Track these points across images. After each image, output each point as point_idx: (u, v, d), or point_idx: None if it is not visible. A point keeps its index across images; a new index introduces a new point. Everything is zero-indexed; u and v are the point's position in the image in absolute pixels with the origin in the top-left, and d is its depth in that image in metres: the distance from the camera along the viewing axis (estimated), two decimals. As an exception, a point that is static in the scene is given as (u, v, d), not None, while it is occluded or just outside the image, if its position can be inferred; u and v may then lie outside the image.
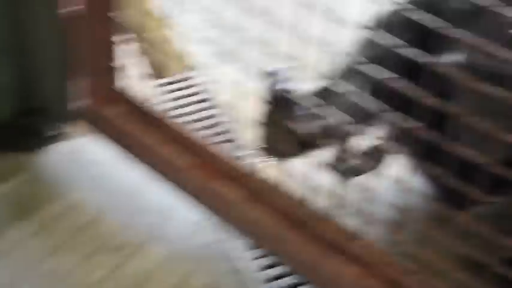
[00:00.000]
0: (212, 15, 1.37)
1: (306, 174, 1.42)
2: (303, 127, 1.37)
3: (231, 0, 1.31)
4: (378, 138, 1.28)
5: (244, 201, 1.56)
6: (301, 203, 1.49)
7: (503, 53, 1.02)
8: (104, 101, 1.70)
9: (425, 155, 1.41)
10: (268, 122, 1.43)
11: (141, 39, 1.56)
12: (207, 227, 1.77)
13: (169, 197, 1.75)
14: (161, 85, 2.04)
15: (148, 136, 1.66)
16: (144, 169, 1.74)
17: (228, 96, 1.43)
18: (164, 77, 1.57)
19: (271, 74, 1.41)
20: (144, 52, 1.74)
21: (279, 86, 1.40)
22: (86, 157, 1.90)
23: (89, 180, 1.86)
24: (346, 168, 1.40)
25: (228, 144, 1.85)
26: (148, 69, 1.81)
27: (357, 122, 1.30)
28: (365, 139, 1.32)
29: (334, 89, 1.26)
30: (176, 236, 1.77)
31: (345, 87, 1.25)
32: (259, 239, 1.58)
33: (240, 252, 1.75)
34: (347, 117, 1.27)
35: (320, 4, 1.18)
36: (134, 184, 1.85)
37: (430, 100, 1.13)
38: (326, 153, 1.42)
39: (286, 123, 1.37)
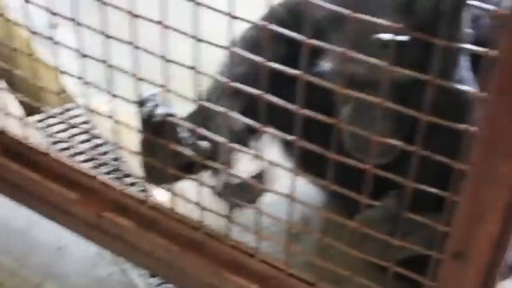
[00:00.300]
0: (81, 46, 1.33)
1: (198, 196, 1.39)
2: (187, 150, 1.35)
3: (97, 29, 1.27)
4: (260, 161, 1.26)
5: (137, 230, 1.52)
6: (195, 225, 1.47)
7: (367, 60, 1.02)
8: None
9: (310, 164, 1.42)
10: (148, 147, 1.40)
11: (13, 76, 1.50)
12: (106, 259, 1.74)
13: (63, 233, 1.70)
14: (40, 121, 1.99)
15: (33, 175, 1.60)
16: (34, 208, 1.69)
17: (109, 125, 1.40)
18: (42, 112, 1.52)
19: (148, 100, 1.39)
20: (18, 89, 1.69)
21: (157, 111, 1.37)
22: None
23: (-22, 225, 1.80)
24: (230, 193, 1.38)
25: (116, 173, 1.81)
26: (23, 106, 1.76)
27: (237, 142, 1.29)
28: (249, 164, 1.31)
29: (209, 110, 1.25)
30: (74, 272, 1.73)
31: (218, 108, 1.23)
32: (156, 266, 1.55)
33: (142, 280, 1.72)
34: (227, 138, 1.25)
35: (186, 25, 1.16)
36: (25, 224, 1.79)
37: (303, 111, 1.12)
38: (211, 176, 1.40)
39: (169, 147, 1.34)
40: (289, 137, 1.17)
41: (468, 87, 1.09)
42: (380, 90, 1.05)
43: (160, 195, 1.66)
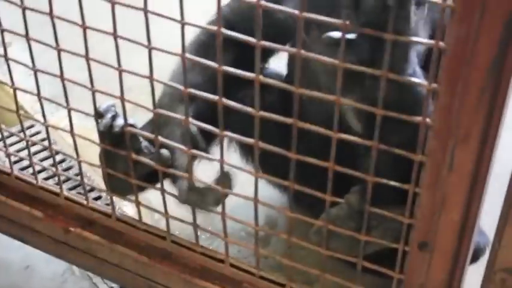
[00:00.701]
0: (34, 61, 1.33)
1: (163, 205, 1.39)
2: (148, 159, 1.34)
3: (49, 43, 1.27)
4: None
5: (105, 243, 1.51)
6: (163, 234, 1.47)
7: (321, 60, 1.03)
8: None
9: (270, 166, 1.42)
10: (109, 159, 1.39)
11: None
12: (75, 275, 1.73)
13: (30, 252, 1.68)
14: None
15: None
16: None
17: (70, 140, 1.39)
18: None
19: (106, 111, 1.38)
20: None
21: (116, 122, 1.37)
22: None
23: None
24: (193, 198, 1.38)
25: (80, 188, 1.80)
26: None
27: (197, 148, 1.29)
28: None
29: (164, 117, 1.24)
30: (43, 291, 1.72)
31: (174, 115, 1.23)
32: (126, 279, 1.54)
33: (113, 294, 1.71)
34: (185, 144, 1.25)
35: (140, 36, 1.16)
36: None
37: (260, 114, 1.12)
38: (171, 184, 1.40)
39: (130, 158, 1.34)
40: (249, 140, 1.17)
41: (419, 80, 1.10)
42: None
43: (126, 207, 1.65)
